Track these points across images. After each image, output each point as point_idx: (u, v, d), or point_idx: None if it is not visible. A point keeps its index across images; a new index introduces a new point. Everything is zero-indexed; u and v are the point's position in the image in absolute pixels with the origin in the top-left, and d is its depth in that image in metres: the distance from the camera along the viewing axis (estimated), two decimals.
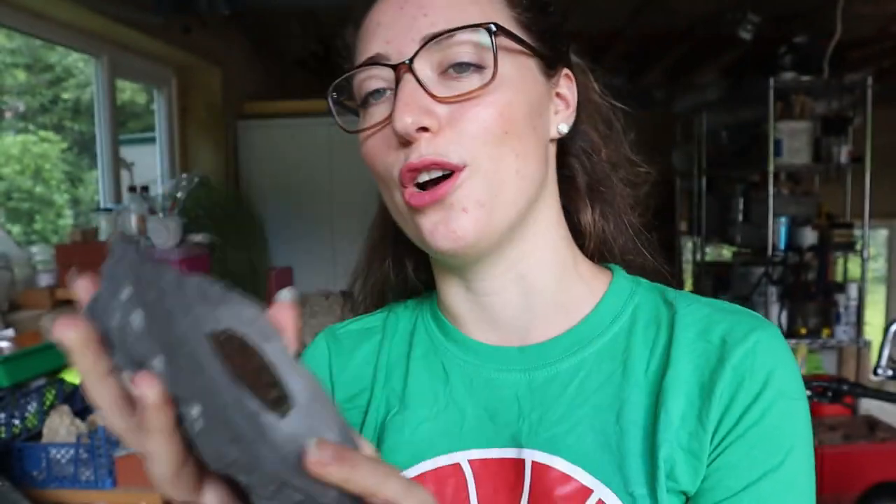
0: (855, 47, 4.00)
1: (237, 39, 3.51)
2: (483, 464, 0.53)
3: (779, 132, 3.49)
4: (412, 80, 0.49)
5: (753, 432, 0.49)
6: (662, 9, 3.53)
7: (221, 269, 2.64)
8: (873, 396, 1.99)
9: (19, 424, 1.60)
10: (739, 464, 0.49)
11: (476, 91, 0.49)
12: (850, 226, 3.67)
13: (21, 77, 3.46)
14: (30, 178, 3.32)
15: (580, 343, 0.54)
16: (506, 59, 0.50)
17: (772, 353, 0.51)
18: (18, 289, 2.03)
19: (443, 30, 0.49)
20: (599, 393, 0.53)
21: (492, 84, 0.49)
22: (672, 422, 0.50)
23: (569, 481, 0.50)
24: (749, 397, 0.50)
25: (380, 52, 0.51)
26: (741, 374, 0.50)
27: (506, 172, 0.50)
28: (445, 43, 0.49)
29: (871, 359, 4.33)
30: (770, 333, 0.52)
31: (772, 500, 0.49)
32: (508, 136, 0.50)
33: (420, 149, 0.49)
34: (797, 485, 0.50)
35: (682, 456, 0.49)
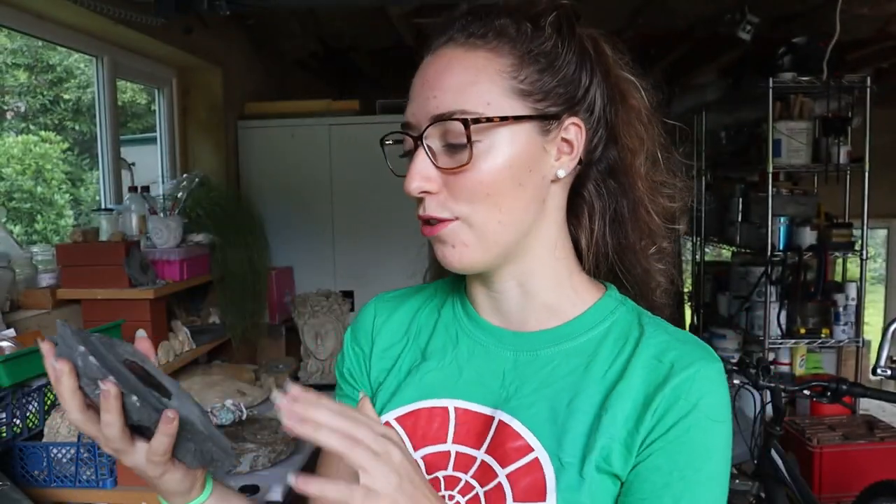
0: (854, 48, 4.01)
1: (237, 40, 3.52)
2: (464, 412, 0.69)
3: (778, 132, 3.49)
4: (422, 152, 0.65)
5: (678, 442, 0.62)
6: (662, 9, 3.54)
7: (221, 269, 2.64)
8: (872, 396, 1.99)
9: (20, 424, 1.60)
10: (663, 466, 0.62)
11: (462, 167, 0.63)
12: (849, 226, 3.67)
13: (22, 77, 3.46)
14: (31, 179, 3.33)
15: (559, 339, 0.69)
16: (491, 137, 0.63)
17: (707, 382, 0.64)
18: (19, 289, 2.04)
19: (446, 111, 0.63)
20: (562, 381, 0.67)
21: (469, 163, 0.63)
22: (617, 419, 0.63)
23: (519, 438, 0.66)
24: (680, 414, 0.62)
25: (408, 121, 0.67)
26: (677, 394, 0.63)
27: (489, 223, 0.65)
28: (445, 123, 0.63)
29: (870, 358, 4.34)
30: (711, 366, 0.65)
31: (686, 497, 0.62)
32: (490, 197, 0.64)
33: (424, 205, 0.66)
34: (709, 490, 0.63)
35: (619, 447, 0.63)
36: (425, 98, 0.65)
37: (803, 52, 3.41)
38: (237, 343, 2.76)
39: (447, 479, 0.67)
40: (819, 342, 3.64)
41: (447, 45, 0.66)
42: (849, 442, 3.19)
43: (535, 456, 0.64)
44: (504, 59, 0.64)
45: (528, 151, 0.65)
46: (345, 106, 3.55)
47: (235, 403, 2.31)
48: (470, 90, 0.63)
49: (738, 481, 2.22)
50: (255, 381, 2.74)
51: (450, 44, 0.66)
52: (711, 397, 0.63)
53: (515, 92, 0.64)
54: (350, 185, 3.48)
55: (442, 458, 0.68)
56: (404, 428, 0.70)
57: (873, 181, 3.52)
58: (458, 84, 0.64)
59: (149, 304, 2.13)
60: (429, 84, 0.65)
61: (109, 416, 0.59)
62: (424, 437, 0.69)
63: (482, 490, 0.65)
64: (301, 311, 3.03)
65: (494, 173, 0.64)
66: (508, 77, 0.64)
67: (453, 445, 0.68)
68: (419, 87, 0.66)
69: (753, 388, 2.01)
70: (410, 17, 3.53)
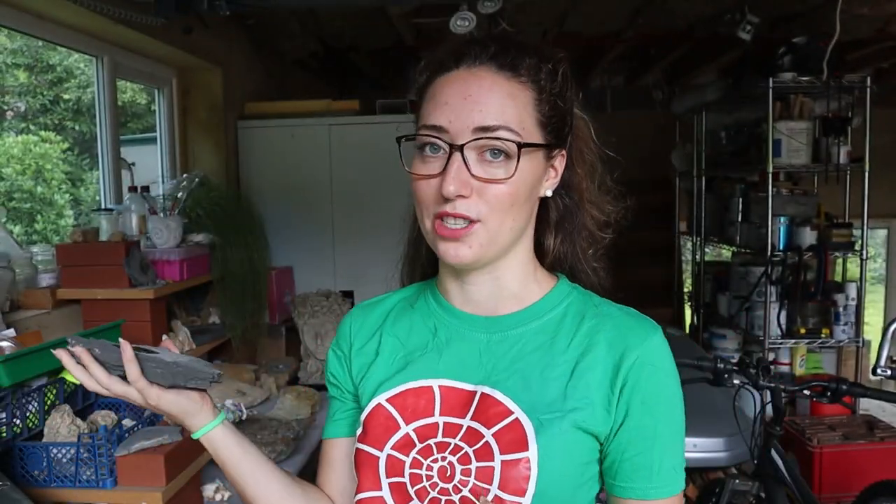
0: (854, 48, 4.01)
1: (238, 40, 3.52)
2: (448, 389, 0.80)
3: (778, 132, 3.49)
4: (460, 159, 0.74)
5: (654, 400, 0.77)
6: (662, 10, 3.54)
7: (221, 269, 2.64)
8: (873, 396, 1.99)
9: (20, 424, 1.60)
10: (648, 421, 0.77)
11: (499, 180, 0.74)
12: (849, 226, 3.67)
13: (22, 77, 3.46)
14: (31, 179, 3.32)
15: (525, 321, 0.82)
16: (523, 157, 0.75)
17: (663, 348, 0.79)
18: (19, 288, 2.04)
19: (491, 125, 0.73)
20: (531, 355, 0.80)
21: (510, 179, 0.74)
22: (591, 385, 0.77)
23: (500, 405, 0.77)
24: (649, 377, 0.77)
25: (444, 126, 0.74)
26: (643, 361, 0.77)
27: (503, 228, 0.76)
28: (489, 134, 0.74)
29: (870, 358, 4.34)
30: (660, 335, 0.80)
31: (671, 440, 0.78)
32: (512, 207, 0.76)
33: (455, 205, 0.74)
34: (681, 428, 0.79)
35: (598, 409, 0.76)
36: (469, 110, 0.74)
37: (803, 52, 3.41)
38: (237, 343, 2.76)
39: (438, 445, 0.78)
40: (819, 342, 3.64)
41: (485, 67, 0.76)
42: (849, 442, 3.19)
43: (516, 417, 0.76)
44: (532, 93, 0.76)
45: (538, 173, 0.78)
46: (345, 106, 3.55)
47: (235, 403, 2.31)
48: (511, 112, 0.75)
49: (738, 481, 2.22)
50: (255, 381, 2.74)
51: (487, 66, 0.76)
52: (667, 360, 0.79)
53: (538, 122, 0.77)
54: (350, 185, 3.48)
55: (431, 428, 0.79)
56: (394, 406, 0.81)
57: (873, 181, 3.52)
58: (502, 105, 0.74)
59: (149, 304, 2.13)
60: (473, 98, 0.74)
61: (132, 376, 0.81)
62: (414, 412, 0.80)
63: (471, 449, 0.76)
64: (301, 311, 3.03)
65: (520, 187, 0.76)
66: (535, 109, 0.77)
67: (440, 417, 0.79)
68: (459, 97, 0.74)
69: (753, 388, 2.01)
70: (410, 17, 3.53)
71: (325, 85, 5.07)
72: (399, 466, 0.78)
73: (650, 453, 0.77)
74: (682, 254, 5.64)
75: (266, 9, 2.97)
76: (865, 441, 3.18)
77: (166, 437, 1.65)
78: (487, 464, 0.75)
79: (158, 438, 1.64)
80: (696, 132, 4.66)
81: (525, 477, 0.73)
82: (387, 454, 0.79)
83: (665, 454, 0.77)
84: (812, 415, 3.69)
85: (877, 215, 4.28)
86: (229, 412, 2.26)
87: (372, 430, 0.80)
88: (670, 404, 0.78)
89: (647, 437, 0.77)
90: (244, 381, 2.64)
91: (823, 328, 3.62)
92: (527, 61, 0.76)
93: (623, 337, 0.78)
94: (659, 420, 0.77)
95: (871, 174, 3.47)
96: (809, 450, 3.16)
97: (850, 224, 3.69)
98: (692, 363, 1.96)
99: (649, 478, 0.77)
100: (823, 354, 4.13)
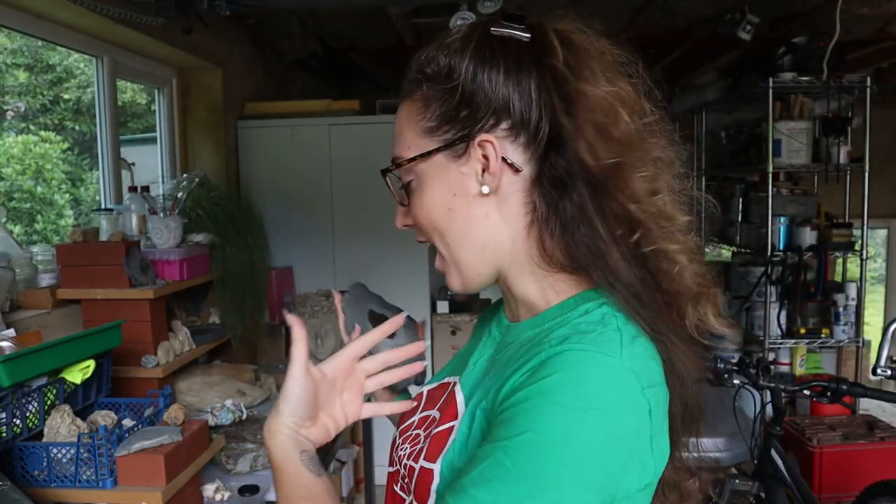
0: (854, 48, 4.01)
1: (238, 40, 3.52)
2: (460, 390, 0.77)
3: (778, 132, 3.49)
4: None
5: (511, 414, 0.60)
6: (662, 9, 3.54)
7: (221, 269, 2.64)
8: (873, 396, 1.99)
9: (20, 424, 1.60)
10: (490, 433, 0.62)
11: (408, 206, 0.75)
12: (849, 226, 3.67)
13: (22, 77, 3.46)
14: (31, 179, 3.32)
15: (524, 330, 0.74)
16: (414, 173, 0.73)
17: (566, 363, 0.60)
18: (19, 288, 2.04)
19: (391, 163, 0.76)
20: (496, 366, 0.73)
21: (410, 203, 0.75)
22: (490, 392, 0.68)
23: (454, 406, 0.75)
24: (527, 393, 0.60)
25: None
26: (531, 372, 0.62)
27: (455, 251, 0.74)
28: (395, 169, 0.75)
29: (870, 358, 4.34)
30: (581, 350, 0.61)
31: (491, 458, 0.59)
32: (436, 227, 0.73)
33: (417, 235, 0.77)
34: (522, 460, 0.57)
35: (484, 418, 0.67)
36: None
37: (803, 52, 3.41)
38: (237, 343, 2.76)
39: (413, 436, 0.78)
40: (819, 342, 3.64)
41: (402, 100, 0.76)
42: (849, 442, 3.19)
43: (454, 424, 0.72)
44: (416, 104, 0.73)
45: (445, 179, 0.72)
46: (345, 106, 3.55)
47: (235, 403, 2.31)
48: (398, 139, 0.75)
49: (738, 481, 2.22)
50: (255, 381, 2.74)
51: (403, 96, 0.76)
52: (562, 378, 0.59)
53: (425, 131, 0.72)
54: (350, 185, 3.48)
55: (425, 419, 0.79)
56: (427, 396, 0.83)
57: (873, 181, 3.52)
58: (394, 134, 0.76)
59: (149, 304, 2.13)
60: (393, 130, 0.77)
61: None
62: (429, 403, 0.81)
63: (420, 446, 0.74)
64: (301, 311, 3.03)
65: (427, 206, 0.73)
66: (418, 119, 0.72)
67: (436, 411, 0.78)
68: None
69: (753, 388, 2.01)
70: (410, 17, 3.53)
71: (325, 85, 5.07)
72: (395, 448, 0.81)
73: (470, 462, 0.62)
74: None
75: (266, 9, 2.97)
76: (865, 441, 3.19)
77: (166, 437, 1.65)
78: (413, 463, 0.73)
79: (158, 438, 1.64)
80: (696, 132, 4.66)
81: (427, 487, 0.70)
82: (394, 435, 0.83)
83: (478, 473, 0.59)
84: (812, 415, 3.69)
85: (877, 215, 4.28)
86: (229, 412, 2.27)
87: (405, 414, 0.84)
88: (524, 427, 0.58)
89: (482, 450, 0.61)
90: (244, 381, 2.64)
91: (823, 328, 3.62)
92: (424, 71, 0.72)
93: (542, 345, 0.64)
94: (498, 438, 0.60)
95: (871, 174, 3.47)
96: (809, 450, 3.16)
97: (850, 224, 3.69)
98: None
99: (450, 486, 0.62)
100: (823, 354, 4.12)
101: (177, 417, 1.77)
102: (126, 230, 2.40)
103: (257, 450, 2.11)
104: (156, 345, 2.18)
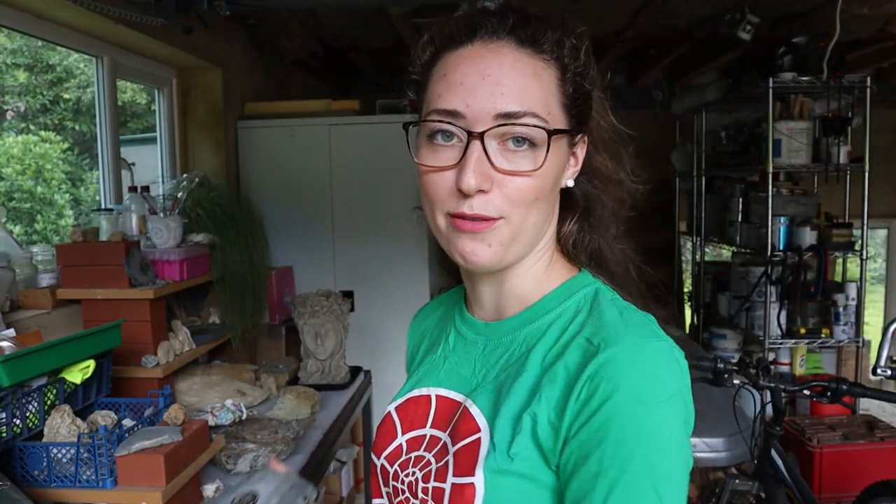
0: (854, 48, 4.01)
1: (238, 40, 3.52)
2: (442, 399, 0.75)
3: (778, 132, 3.49)
4: (480, 149, 0.64)
5: (605, 428, 0.59)
6: (662, 9, 3.54)
7: (221, 269, 2.64)
8: (872, 396, 1.99)
9: (20, 424, 1.60)
10: (592, 455, 0.59)
11: (525, 172, 0.65)
12: (849, 226, 3.67)
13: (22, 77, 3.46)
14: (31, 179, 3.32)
15: (522, 324, 0.72)
16: (550, 143, 0.65)
17: (632, 362, 0.61)
18: (19, 288, 2.04)
19: (515, 110, 0.63)
20: (513, 365, 0.70)
21: (537, 171, 0.65)
22: (548, 403, 0.63)
23: (471, 420, 0.69)
24: (602, 398, 0.60)
25: (460, 110, 0.64)
26: (600, 377, 0.60)
27: (527, 225, 0.67)
28: (513, 121, 0.64)
29: (870, 358, 4.34)
30: (640, 345, 0.62)
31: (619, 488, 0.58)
32: (536, 201, 0.67)
33: (472, 203, 0.65)
34: (645, 478, 0.58)
35: (546, 426, 0.63)
36: (489, 92, 0.64)
37: (803, 52, 3.41)
38: (237, 343, 2.75)
39: (416, 458, 0.73)
40: (819, 342, 3.64)
41: (504, 42, 0.66)
42: (849, 442, 3.19)
43: (479, 436, 0.67)
44: (556, 72, 0.67)
45: (562, 162, 0.70)
46: (345, 106, 3.55)
47: (235, 403, 2.31)
48: (537, 95, 0.65)
49: (738, 481, 2.22)
50: (255, 381, 2.74)
51: (507, 40, 0.66)
52: (635, 377, 0.60)
53: (563, 106, 0.68)
54: (350, 185, 3.48)
55: (419, 440, 0.74)
56: (399, 415, 0.78)
57: (873, 181, 3.52)
58: (526, 86, 0.64)
59: (149, 304, 2.13)
60: (493, 78, 0.64)
61: None
62: (412, 422, 0.76)
63: (436, 465, 0.69)
64: (301, 311, 3.03)
65: (546, 179, 0.67)
66: (559, 90, 0.67)
67: (430, 430, 0.74)
68: (477, 77, 0.64)
69: (753, 388, 2.01)
70: (410, 17, 3.53)
71: (325, 85, 5.07)
72: (387, 477, 0.75)
73: (591, 495, 0.59)
74: (682, 254, 5.64)
75: (266, 9, 2.97)
76: (865, 441, 3.19)
77: (166, 437, 1.65)
78: (440, 484, 0.68)
79: (158, 438, 1.64)
80: (696, 132, 4.66)
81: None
82: (381, 463, 0.77)
83: (611, 496, 0.58)
84: (812, 415, 3.69)
85: (877, 215, 4.28)
86: (229, 412, 2.27)
87: (378, 437, 0.79)
88: (633, 442, 0.59)
89: (591, 475, 0.59)
90: (244, 381, 2.64)
91: (823, 328, 3.62)
92: (549, 35, 0.66)
93: (593, 345, 0.64)
94: (609, 457, 0.58)
95: (871, 174, 3.47)
96: (809, 450, 3.16)
97: (850, 224, 3.69)
98: (692, 363, 1.96)
99: None
100: (823, 354, 4.13)
101: (177, 417, 1.77)
102: (126, 230, 2.40)
103: (257, 450, 2.11)
104: (156, 345, 2.18)
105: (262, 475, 0.82)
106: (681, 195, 5.29)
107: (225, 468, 2.07)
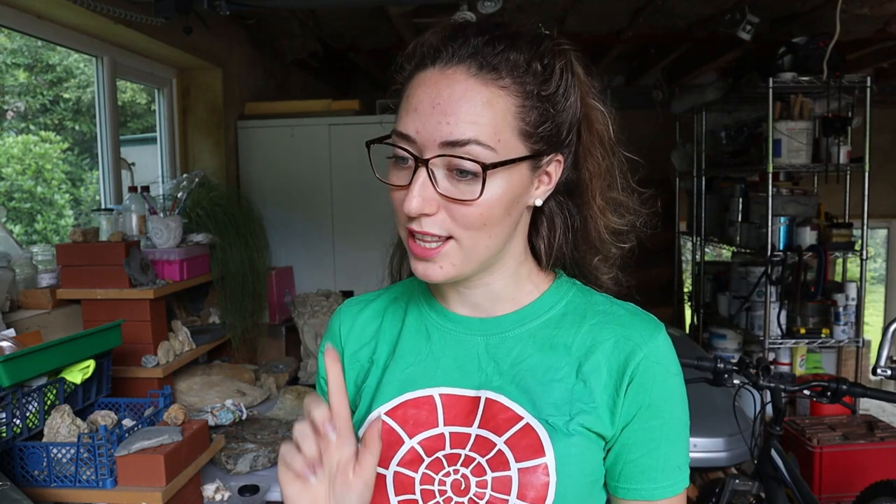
0: (854, 48, 4.01)
1: (238, 40, 3.52)
2: (449, 397, 0.76)
3: (778, 132, 3.49)
4: (425, 174, 0.67)
5: (661, 400, 0.74)
6: (662, 10, 3.54)
7: (221, 269, 2.64)
8: (872, 396, 1.99)
9: (20, 424, 1.60)
10: (655, 423, 0.74)
11: (467, 201, 0.67)
12: (849, 226, 3.67)
13: (22, 77, 3.46)
14: (31, 179, 3.32)
15: (523, 321, 0.77)
16: (495, 175, 0.67)
17: (666, 346, 0.75)
18: (19, 288, 2.04)
19: (459, 139, 0.65)
20: (532, 358, 0.75)
21: (477, 201, 0.67)
22: (597, 389, 0.73)
23: (507, 411, 0.73)
24: (655, 378, 0.73)
25: (411, 135, 0.68)
26: (649, 362, 0.73)
27: (478, 246, 0.70)
28: (456, 151, 0.66)
29: (870, 358, 4.34)
30: (663, 333, 0.76)
31: (677, 438, 0.75)
32: (485, 227, 0.69)
33: (421, 223, 0.69)
34: (685, 426, 0.77)
35: (603, 412, 0.73)
36: (437, 121, 0.66)
37: (803, 52, 3.41)
38: (237, 343, 2.76)
39: (448, 457, 0.73)
40: (819, 342, 3.64)
41: (462, 68, 0.67)
42: (849, 442, 3.19)
43: (526, 422, 0.72)
44: (514, 98, 0.68)
45: (520, 186, 0.71)
46: (344, 106, 3.55)
47: (235, 403, 2.31)
48: (484, 125, 0.66)
49: (739, 481, 2.22)
50: (255, 381, 2.74)
51: (462, 67, 0.67)
52: (672, 358, 0.76)
53: (521, 133, 0.69)
54: (350, 185, 3.48)
55: (438, 440, 0.74)
56: (395, 420, 0.76)
57: (873, 181, 3.52)
58: (473, 116, 0.66)
59: (149, 304, 2.13)
60: (441, 108, 0.66)
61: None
62: (416, 424, 0.75)
63: (484, 459, 0.72)
64: (301, 311, 3.03)
65: (493, 206, 0.68)
66: (516, 118, 0.68)
67: (446, 427, 0.75)
68: (428, 105, 0.67)
69: (753, 388, 2.01)
70: (410, 17, 3.53)
71: (325, 85, 5.07)
72: (408, 483, 0.73)
73: (656, 454, 0.74)
74: (682, 254, 5.64)
75: (266, 9, 2.97)
76: (865, 441, 3.18)
77: (166, 437, 1.65)
78: (504, 473, 0.71)
79: (158, 438, 1.64)
80: (696, 132, 4.66)
81: (544, 483, 0.70)
82: (393, 471, 0.74)
83: (670, 454, 0.74)
84: (812, 415, 3.69)
85: (877, 215, 4.28)
86: (229, 412, 2.27)
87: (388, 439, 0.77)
88: (676, 404, 0.75)
89: (653, 438, 0.74)
90: (244, 381, 2.64)
91: (823, 328, 3.62)
92: (512, 59, 0.67)
93: (628, 336, 0.74)
94: (665, 420, 0.74)
95: (871, 174, 3.47)
96: (809, 450, 3.16)
97: (850, 224, 3.69)
98: (692, 363, 1.96)
99: (654, 479, 0.74)
100: (823, 354, 4.13)
101: (177, 417, 1.77)
102: (126, 230, 2.40)
103: (257, 450, 2.11)
104: (156, 345, 2.18)
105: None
106: (681, 195, 5.30)
107: (225, 468, 2.07)
